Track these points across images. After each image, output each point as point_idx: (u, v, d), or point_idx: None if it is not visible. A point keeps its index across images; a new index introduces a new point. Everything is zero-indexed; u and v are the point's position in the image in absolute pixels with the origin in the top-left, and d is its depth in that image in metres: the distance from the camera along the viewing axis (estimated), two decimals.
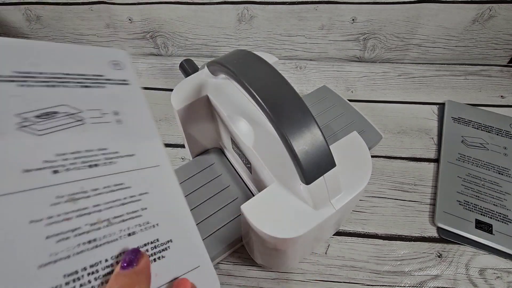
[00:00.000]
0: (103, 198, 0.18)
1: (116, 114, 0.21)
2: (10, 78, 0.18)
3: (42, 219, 0.16)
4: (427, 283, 0.33)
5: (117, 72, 0.22)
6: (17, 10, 0.58)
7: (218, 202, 0.36)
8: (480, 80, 0.53)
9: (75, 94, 0.20)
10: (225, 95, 0.32)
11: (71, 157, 0.18)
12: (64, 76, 0.20)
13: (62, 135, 0.18)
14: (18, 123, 0.17)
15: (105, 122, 0.20)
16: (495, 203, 0.38)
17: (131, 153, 0.20)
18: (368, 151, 0.28)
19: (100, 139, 0.19)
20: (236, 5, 0.53)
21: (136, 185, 0.19)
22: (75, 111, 0.19)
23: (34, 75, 0.19)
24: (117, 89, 0.21)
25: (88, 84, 0.20)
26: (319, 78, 0.55)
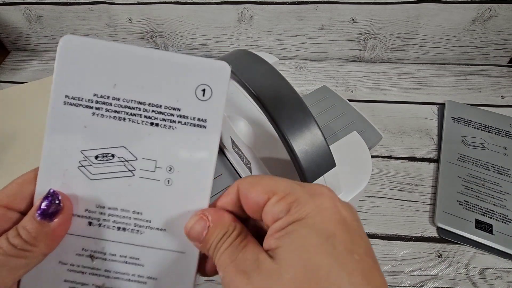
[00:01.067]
0: (115, 266, 0.18)
1: (169, 170, 0.17)
2: (89, 103, 0.17)
3: (67, 263, 0.17)
4: (427, 283, 0.33)
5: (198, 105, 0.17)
6: (17, 10, 0.58)
7: None
8: (480, 80, 0.53)
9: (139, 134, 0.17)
10: None
11: (107, 212, 0.17)
12: (136, 106, 0.17)
13: (109, 185, 0.17)
14: (80, 161, 0.17)
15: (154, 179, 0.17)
16: (495, 203, 0.38)
17: (162, 227, 0.17)
18: (368, 151, 0.28)
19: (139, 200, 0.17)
20: (236, 5, 0.53)
21: (149, 265, 0.18)
22: (131, 158, 0.17)
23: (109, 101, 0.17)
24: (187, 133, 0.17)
25: (158, 122, 0.17)
26: (319, 78, 0.55)
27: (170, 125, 0.17)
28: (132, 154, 0.17)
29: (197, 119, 0.17)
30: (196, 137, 0.17)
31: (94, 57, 0.16)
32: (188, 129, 0.17)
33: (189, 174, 0.17)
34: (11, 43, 0.63)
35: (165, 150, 0.17)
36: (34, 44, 0.63)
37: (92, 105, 0.17)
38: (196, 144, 0.17)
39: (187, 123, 0.17)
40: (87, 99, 0.17)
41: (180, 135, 0.17)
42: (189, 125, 0.17)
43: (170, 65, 0.17)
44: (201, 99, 0.17)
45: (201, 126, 0.17)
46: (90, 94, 0.17)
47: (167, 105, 0.17)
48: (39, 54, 0.62)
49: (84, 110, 0.17)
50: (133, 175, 0.17)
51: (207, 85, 0.17)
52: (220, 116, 0.17)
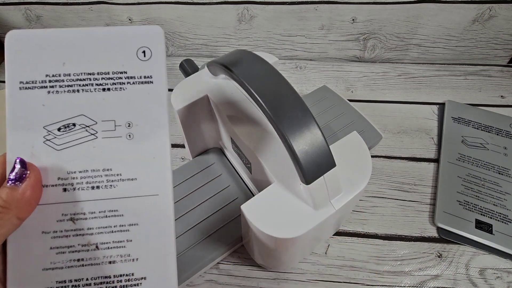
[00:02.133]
0: (97, 222, 0.19)
1: (128, 126, 0.19)
2: (43, 83, 0.19)
3: (50, 231, 0.19)
4: (427, 283, 0.33)
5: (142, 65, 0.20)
6: (17, 10, 0.58)
7: (218, 202, 0.36)
8: (480, 80, 0.53)
9: (94, 100, 0.19)
10: (225, 95, 0.32)
11: (79, 176, 0.19)
12: (87, 77, 0.19)
13: (75, 151, 0.19)
14: (44, 136, 0.19)
15: (116, 136, 0.19)
16: (495, 203, 0.38)
17: (133, 177, 0.19)
18: (368, 151, 0.28)
19: (106, 158, 0.19)
20: (236, 5, 0.53)
21: (128, 214, 0.19)
22: (91, 122, 0.19)
23: (61, 78, 0.19)
24: (137, 91, 0.19)
25: (109, 86, 0.19)
26: (319, 78, 0.55)
27: (121, 87, 0.19)
28: (91, 119, 0.19)
29: (143, 77, 0.20)
30: (146, 92, 0.19)
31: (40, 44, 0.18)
32: (137, 87, 0.19)
33: (146, 124, 0.19)
34: None
35: (121, 109, 0.19)
36: None
37: (46, 85, 0.19)
38: (147, 97, 0.19)
39: (135, 82, 0.19)
40: (40, 80, 0.19)
41: (131, 93, 0.19)
42: (137, 83, 0.19)
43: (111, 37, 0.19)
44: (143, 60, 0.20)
45: (148, 82, 0.20)
46: (42, 76, 0.19)
47: (114, 71, 0.19)
48: None
49: (39, 91, 0.19)
50: (96, 138, 0.19)
51: (146, 47, 0.20)
52: (163, 71, 0.20)
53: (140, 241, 0.19)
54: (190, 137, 0.37)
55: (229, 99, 0.31)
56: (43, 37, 0.19)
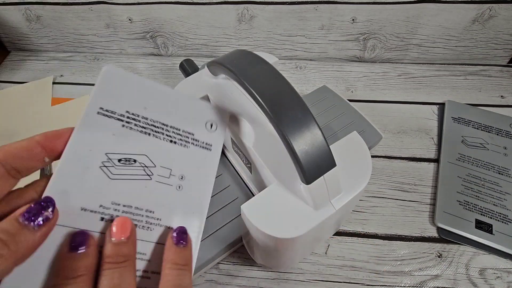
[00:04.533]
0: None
1: (181, 178, 0.21)
2: (121, 117, 0.20)
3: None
4: (427, 283, 0.33)
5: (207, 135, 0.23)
6: (17, 10, 0.58)
7: (218, 202, 0.36)
8: (480, 80, 0.53)
9: (160, 147, 0.20)
10: (225, 95, 0.32)
11: (121, 209, 0.19)
12: (160, 126, 0.21)
13: (127, 185, 0.19)
14: (103, 161, 0.19)
15: (168, 184, 0.20)
16: (495, 203, 0.38)
17: (170, 225, 0.20)
18: (368, 151, 0.28)
19: (153, 200, 0.20)
20: (236, 5, 0.53)
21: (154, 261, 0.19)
22: (150, 164, 0.20)
23: (138, 118, 0.20)
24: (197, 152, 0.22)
25: (176, 140, 0.21)
26: (319, 78, 0.55)
27: (185, 144, 0.22)
28: (152, 162, 0.20)
29: (205, 143, 0.23)
30: (204, 156, 0.22)
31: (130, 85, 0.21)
32: (198, 149, 0.22)
33: (196, 183, 0.21)
34: (11, 43, 0.63)
35: (179, 162, 0.21)
36: (34, 44, 0.63)
37: (123, 119, 0.20)
38: (203, 161, 0.22)
39: (198, 145, 0.22)
40: (120, 113, 0.20)
41: (192, 152, 0.22)
42: (199, 147, 0.22)
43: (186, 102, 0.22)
44: (209, 130, 0.23)
45: (207, 148, 0.23)
46: (123, 110, 0.20)
47: (184, 130, 0.22)
48: (39, 54, 0.62)
49: (115, 122, 0.20)
50: (150, 179, 0.20)
51: (214, 121, 0.24)
52: (221, 144, 0.23)
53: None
54: None
55: (229, 99, 0.31)
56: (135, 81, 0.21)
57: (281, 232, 0.24)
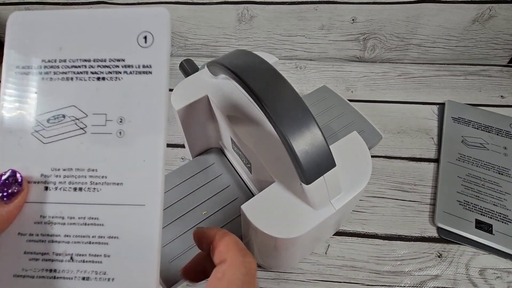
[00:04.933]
0: (75, 229, 0.17)
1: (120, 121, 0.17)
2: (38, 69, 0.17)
3: (26, 233, 0.17)
4: (427, 283, 0.33)
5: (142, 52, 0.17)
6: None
7: (218, 202, 0.36)
8: (480, 80, 0.53)
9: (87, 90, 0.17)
10: (225, 95, 0.32)
11: (62, 174, 0.17)
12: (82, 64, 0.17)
13: (62, 146, 0.17)
14: (33, 126, 0.17)
15: (106, 133, 0.17)
16: (495, 203, 0.38)
17: (119, 181, 0.17)
18: (368, 151, 0.28)
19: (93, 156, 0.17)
20: (236, 5, 0.53)
21: (109, 224, 0.17)
22: (81, 115, 0.17)
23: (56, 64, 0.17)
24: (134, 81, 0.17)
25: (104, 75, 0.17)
26: (319, 78, 0.55)
27: (116, 76, 0.17)
28: (82, 111, 0.17)
29: (141, 66, 0.17)
30: (144, 84, 0.17)
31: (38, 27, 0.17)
32: (134, 77, 0.17)
33: (140, 121, 0.17)
34: None
35: (114, 102, 0.17)
36: None
37: (41, 71, 0.17)
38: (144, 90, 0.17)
39: (133, 71, 0.17)
40: (37, 65, 0.17)
41: (127, 84, 0.17)
42: (134, 73, 0.17)
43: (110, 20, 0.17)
44: (144, 46, 0.17)
45: (146, 72, 0.17)
46: (39, 61, 0.17)
47: (111, 58, 0.17)
48: None
49: (34, 77, 0.17)
50: (84, 132, 0.17)
51: (148, 31, 0.17)
52: (164, 60, 0.17)
53: (118, 258, 0.17)
54: (190, 137, 0.37)
55: (229, 99, 0.31)
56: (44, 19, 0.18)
57: (281, 232, 0.24)
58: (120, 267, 0.17)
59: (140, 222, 0.17)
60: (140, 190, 0.17)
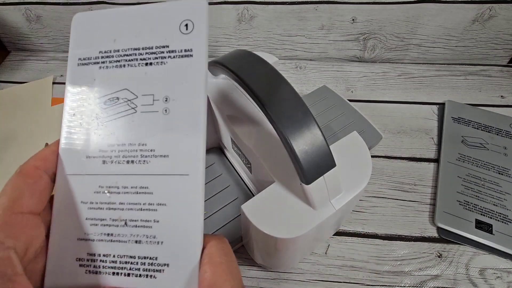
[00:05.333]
0: (128, 197, 0.19)
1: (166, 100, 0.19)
2: (96, 59, 0.20)
3: (87, 202, 0.19)
4: (427, 283, 0.33)
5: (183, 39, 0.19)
6: (17, 10, 0.58)
7: (218, 202, 0.36)
8: (480, 80, 0.53)
9: (137, 75, 0.20)
10: (225, 95, 0.32)
11: (117, 149, 0.19)
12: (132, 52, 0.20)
13: (117, 124, 0.19)
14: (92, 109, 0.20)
15: (153, 111, 0.19)
16: (495, 203, 0.38)
17: (165, 154, 0.19)
18: (368, 151, 0.28)
19: (143, 132, 0.19)
20: (236, 5, 0.53)
21: (158, 192, 0.19)
22: (132, 96, 0.19)
23: (111, 54, 0.20)
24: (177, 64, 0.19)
25: (151, 61, 0.20)
26: (319, 78, 0.55)
27: (162, 61, 0.19)
28: (133, 93, 0.19)
29: (183, 51, 0.19)
30: (186, 66, 0.19)
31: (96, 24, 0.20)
32: (177, 61, 0.19)
33: (183, 100, 0.19)
34: (11, 43, 0.63)
35: (160, 83, 0.19)
36: (34, 44, 0.63)
37: (99, 61, 0.20)
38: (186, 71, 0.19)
39: (176, 56, 0.19)
40: (95, 56, 0.20)
41: (171, 68, 0.19)
42: (178, 57, 0.19)
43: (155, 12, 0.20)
44: (185, 33, 0.19)
45: (188, 56, 0.19)
46: (96, 52, 0.20)
47: (157, 45, 0.20)
48: (39, 54, 0.62)
49: (93, 66, 0.20)
50: (135, 111, 0.19)
51: (189, 19, 0.19)
52: (203, 43, 0.19)
53: (166, 223, 0.18)
54: None
55: (229, 99, 0.31)
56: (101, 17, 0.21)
57: (281, 232, 0.24)
58: (168, 232, 0.18)
59: (185, 190, 0.19)
60: (184, 161, 0.19)
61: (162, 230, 0.18)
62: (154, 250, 0.18)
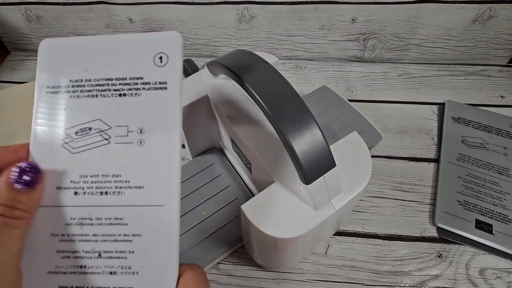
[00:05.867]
0: (102, 229, 0.19)
1: (140, 132, 0.19)
2: (67, 88, 0.20)
3: (58, 234, 0.19)
4: (427, 283, 0.33)
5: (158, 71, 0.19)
6: (17, 10, 0.58)
7: (218, 202, 0.36)
8: (480, 80, 0.53)
9: (110, 105, 0.19)
10: (225, 95, 0.32)
11: (90, 180, 0.19)
12: (105, 82, 0.20)
13: (89, 155, 0.19)
14: (63, 139, 0.19)
15: (128, 142, 0.19)
16: (495, 203, 0.38)
17: (140, 185, 0.19)
18: (368, 151, 0.28)
19: (117, 163, 0.19)
20: (236, 5, 0.53)
21: (132, 224, 0.19)
22: (105, 127, 0.19)
23: (83, 83, 0.20)
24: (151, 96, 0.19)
25: (125, 92, 0.20)
26: (319, 78, 0.55)
27: (136, 92, 0.19)
28: (106, 124, 0.19)
29: (158, 83, 0.19)
30: (160, 98, 0.19)
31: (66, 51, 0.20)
32: (151, 93, 0.19)
33: (158, 131, 0.19)
34: (11, 43, 0.63)
35: (134, 115, 0.19)
36: (34, 44, 0.63)
37: (69, 89, 0.20)
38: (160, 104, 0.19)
39: (150, 88, 0.19)
40: (65, 85, 0.20)
41: (145, 99, 0.19)
42: (152, 89, 0.19)
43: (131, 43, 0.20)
44: (159, 65, 0.19)
45: (162, 88, 0.19)
46: (67, 81, 0.20)
47: (131, 76, 0.19)
48: None
49: (63, 95, 0.20)
50: (109, 142, 0.19)
51: (163, 52, 0.20)
52: (177, 77, 0.19)
53: (142, 253, 0.19)
54: (190, 137, 0.37)
55: (229, 99, 0.31)
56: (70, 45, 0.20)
57: (281, 232, 0.24)
58: (143, 262, 0.18)
59: (160, 220, 0.19)
60: (159, 192, 0.19)
61: (138, 260, 0.18)
62: (129, 281, 0.18)
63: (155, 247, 0.18)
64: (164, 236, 0.18)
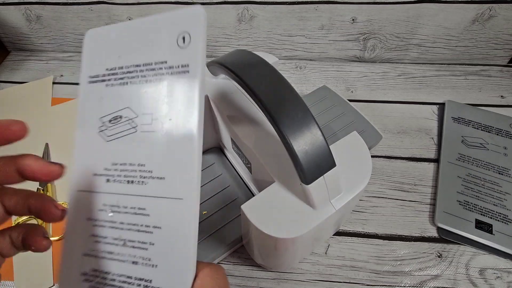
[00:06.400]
0: (127, 218, 0.19)
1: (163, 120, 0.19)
2: (103, 77, 0.20)
3: (92, 219, 0.19)
4: (427, 283, 0.33)
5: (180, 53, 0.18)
6: (17, 10, 0.58)
7: (218, 202, 0.36)
8: (480, 80, 0.53)
9: (138, 93, 0.19)
10: (225, 95, 0.32)
11: (119, 168, 0.19)
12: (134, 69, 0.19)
13: (119, 143, 0.19)
14: (99, 127, 0.20)
15: (152, 131, 0.19)
16: (495, 203, 0.38)
17: (162, 176, 0.18)
18: (368, 151, 0.28)
19: (142, 152, 0.19)
20: (236, 5, 0.53)
21: (153, 215, 0.18)
22: (133, 115, 0.19)
23: (116, 71, 0.20)
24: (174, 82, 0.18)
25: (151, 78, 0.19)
26: (319, 78, 0.55)
27: (160, 78, 0.19)
28: (134, 112, 0.19)
29: (180, 66, 0.18)
30: (181, 84, 0.18)
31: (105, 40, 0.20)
32: (174, 77, 0.18)
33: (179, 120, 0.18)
34: (11, 43, 0.63)
35: (158, 102, 0.19)
36: (34, 44, 0.63)
37: (105, 78, 0.20)
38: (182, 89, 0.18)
39: (173, 72, 0.18)
40: (102, 74, 0.20)
41: (169, 85, 0.19)
42: (175, 73, 0.18)
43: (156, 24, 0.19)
44: (182, 47, 0.18)
45: (184, 72, 0.18)
46: (104, 70, 0.20)
47: (156, 61, 0.19)
48: (39, 54, 0.62)
49: (100, 84, 0.20)
50: (136, 131, 0.19)
51: (186, 31, 0.18)
52: (199, 59, 0.18)
53: (161, 246, 0.18)
54: None
55: (229, 99, 0.31)
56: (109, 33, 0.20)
57: (281, 232, 0.24)
58: (162, 256, 0.18)
59: (178, 214, 0.18)
60: (179, 185, 0.18)
61: (157, 253, 0.18)
62: (149, 273, 0.18)
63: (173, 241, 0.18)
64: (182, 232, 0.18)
